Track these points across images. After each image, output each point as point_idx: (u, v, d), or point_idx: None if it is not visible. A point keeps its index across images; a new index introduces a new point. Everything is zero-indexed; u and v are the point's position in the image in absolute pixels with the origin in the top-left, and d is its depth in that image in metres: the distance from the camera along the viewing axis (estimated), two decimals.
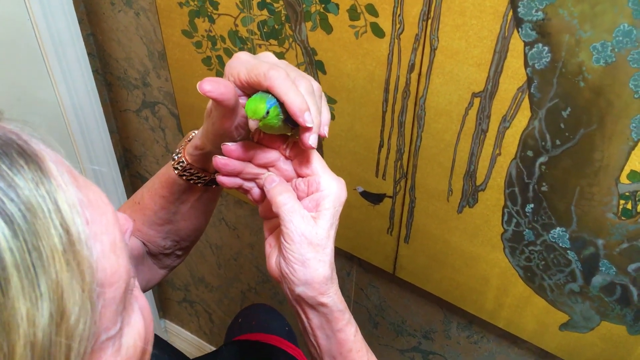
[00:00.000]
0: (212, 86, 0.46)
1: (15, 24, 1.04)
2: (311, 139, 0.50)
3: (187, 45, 0.99)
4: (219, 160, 0.54)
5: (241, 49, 0.92)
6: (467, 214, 0.84)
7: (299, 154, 0.54)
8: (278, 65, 0.50)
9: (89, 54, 1.17)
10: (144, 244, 0.70)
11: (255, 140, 0.56)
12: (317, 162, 0.53)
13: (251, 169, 0.56)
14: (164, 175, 0.64)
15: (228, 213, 1.31)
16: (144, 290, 0.72)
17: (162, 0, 0.97)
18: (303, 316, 0.54)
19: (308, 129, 0.50)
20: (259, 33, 0.88)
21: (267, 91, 0.49)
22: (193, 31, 0.97)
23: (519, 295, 0.87)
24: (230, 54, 0.95)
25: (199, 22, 0.95)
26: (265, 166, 0.56)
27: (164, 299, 1.83)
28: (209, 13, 0.92)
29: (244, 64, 0.50)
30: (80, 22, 1.12)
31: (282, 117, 0.50)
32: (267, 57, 0.52)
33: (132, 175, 1.49)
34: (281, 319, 1.12)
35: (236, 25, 0.90)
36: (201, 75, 1.02)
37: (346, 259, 1.12)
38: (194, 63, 1.02)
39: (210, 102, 0.54)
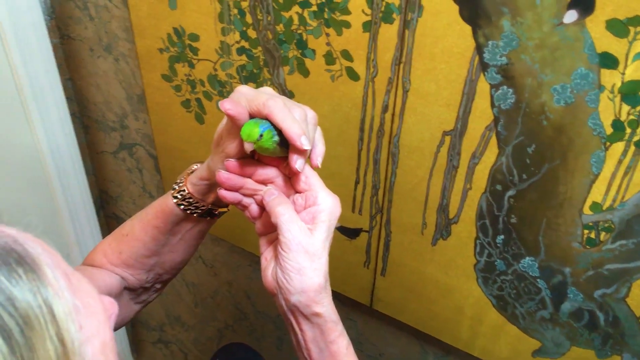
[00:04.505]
0: (231, 105, 0.52)
1: None
2: (298, 163, 0.55)
3: (167, 89, 1.02)
4: (222, 175, 0.58)
5: (220, 92, 0.96)
6: (441, 246, 0.88)
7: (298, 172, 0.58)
8: (276, 96, 0.54)
9: (67, 98, 1.18)
10: (124, 279, 0.72)
11: (256, 158, 0.60)
12: (315, 179, 0.58)
13: (251, 184, 0.59)
14: (160, 206, 0.67)
15: (205, 251, 1.32)
16: (118, 328, 0.74)
17: (143, 46, 1.00)
18: (297, 329, 0.56)
19: (302, 152, 0.54)
20: (237, 77, 0.92)
21: (264, 118, 0.54)
22: (173, 75, 1.00)
23: (493, 323, 0.90)
24: (209, 97, 0.98)
25: (179, 67, 0.98)
26: (264, 182, 0.59)
27: (138, 341, 1.80)
28: (189, 58, 0.95)
29: (244, 96, 0.55)
30: (59, 67, 1.14)
31: (276, 140, 0.54)
32: (265, 90, 0.57)
33: (108, 216, 1.50)
34: (258, 358, 1.13)
35: (215, 70, 0.94)
36: (180, 117, 1.05)
37: None
38: (173, 106, 1.04)
39: (218, 131, 0.59)
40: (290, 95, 0.88)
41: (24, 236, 0.33)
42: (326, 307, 0.55)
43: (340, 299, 1.13)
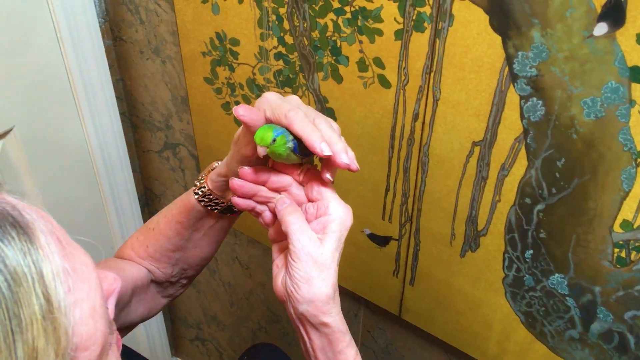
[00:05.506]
0: (245, 111, 0.53)
1: (51, 68, 1.11)
2: (343, 157, 0.53)
3: (208, 91, 1.06)
4: (235, 182, 0.59)
5: (258, 96, 0.98)
6: (469, 258, 0.87)
7: (311, 180, 0.58)
8: (299, 107, 0.55)
9: (117, 97, 1.24)
10: (150, 272, 0.74)
11: (270, 165, 0.61)
12: (327, 188, 0.57)
13: (265, 192, 0.60)
14: (183, 202, 0.69)
15: (241, 252, 1.34)
16: (145, 319, 0.77)
17: (187, 50, 1.04)
18: (305, 337, 0.57)
19: (329, 158, 0.53)
20: (274, 81, 0.94)
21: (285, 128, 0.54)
22: (214, 78, 1.03)
23: (521, 340, 0.88)
24: (247, 100, 1.01)
25: (220, 70, 1.01)
26: (278, 190, 0.60)
27: (177, 337, 1.85)
28: (229, 62, 0.98)
29: (270, 103, 0.56)
30: (110, 67, 1.19)
31: (290, 146, 0.54)
32: (290, 100, 0.58)
33: (152, 213, 1.55)
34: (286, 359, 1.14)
35: (254, 74, 0.96)
36: (220, 119, 1.08)
37: (354, 301, 1.15)
38: (213, 108, 1.08)
39: (238, 131, 0.60)
40: (324, 100, 0.89)
41: (23, 205, 0.36)
42: (334, 318, 0.55)
43: (370, 307, 1.13)
